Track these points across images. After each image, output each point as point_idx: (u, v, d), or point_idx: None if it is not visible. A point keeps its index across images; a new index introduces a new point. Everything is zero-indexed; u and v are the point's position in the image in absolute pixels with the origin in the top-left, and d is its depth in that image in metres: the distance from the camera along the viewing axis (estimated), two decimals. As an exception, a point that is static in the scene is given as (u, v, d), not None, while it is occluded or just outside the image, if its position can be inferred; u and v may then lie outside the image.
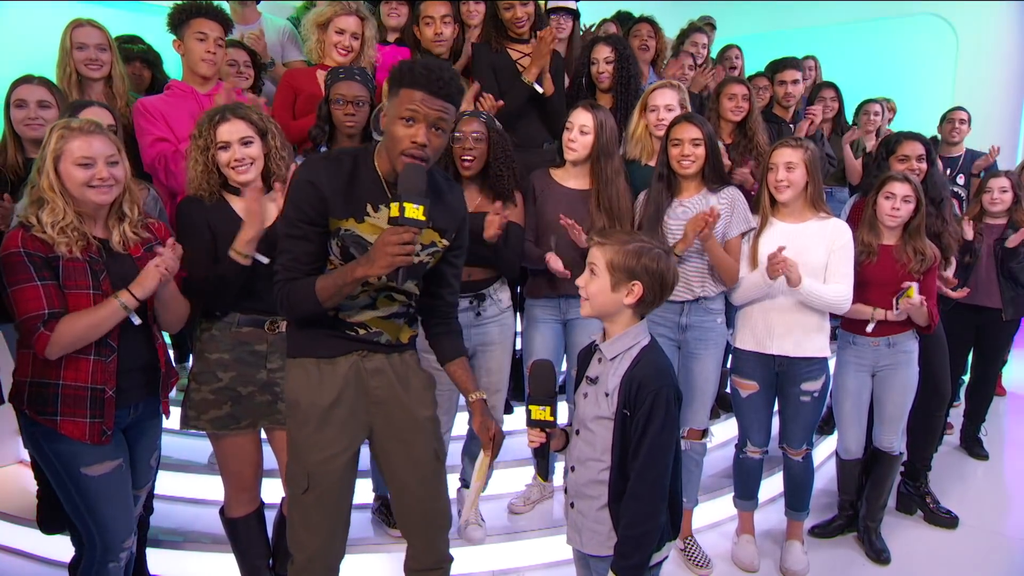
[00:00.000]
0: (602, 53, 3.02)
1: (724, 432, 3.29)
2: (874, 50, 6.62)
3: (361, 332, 1.74)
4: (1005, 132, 6.02)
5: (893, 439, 2.77)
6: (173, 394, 2.06)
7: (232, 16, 2.73)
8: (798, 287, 2.39)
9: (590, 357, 1.72)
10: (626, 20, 4.22)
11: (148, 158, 2.52)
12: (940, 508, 3.12)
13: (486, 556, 2.65)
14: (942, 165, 4.10)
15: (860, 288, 2.54)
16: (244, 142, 2.02)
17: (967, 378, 3.79)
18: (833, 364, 2.73)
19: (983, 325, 3.49)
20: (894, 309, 2.54)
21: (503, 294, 2.58)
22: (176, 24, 2.57)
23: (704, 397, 2.62)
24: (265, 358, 2.07)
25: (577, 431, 1.69)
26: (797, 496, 2.75)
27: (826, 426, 3.57)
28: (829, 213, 2.54)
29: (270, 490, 2.24)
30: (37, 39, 3.06)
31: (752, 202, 2.62)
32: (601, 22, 4.28)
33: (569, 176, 2.63)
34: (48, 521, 2.55)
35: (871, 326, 2.61)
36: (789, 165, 2.46)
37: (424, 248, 1.73)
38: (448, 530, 1.90)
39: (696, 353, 2.58)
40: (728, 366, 2.79)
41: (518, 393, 3.12)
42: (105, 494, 1.85)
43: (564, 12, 3.42)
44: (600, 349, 1.67)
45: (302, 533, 1.77)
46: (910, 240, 2.62)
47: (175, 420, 2.12)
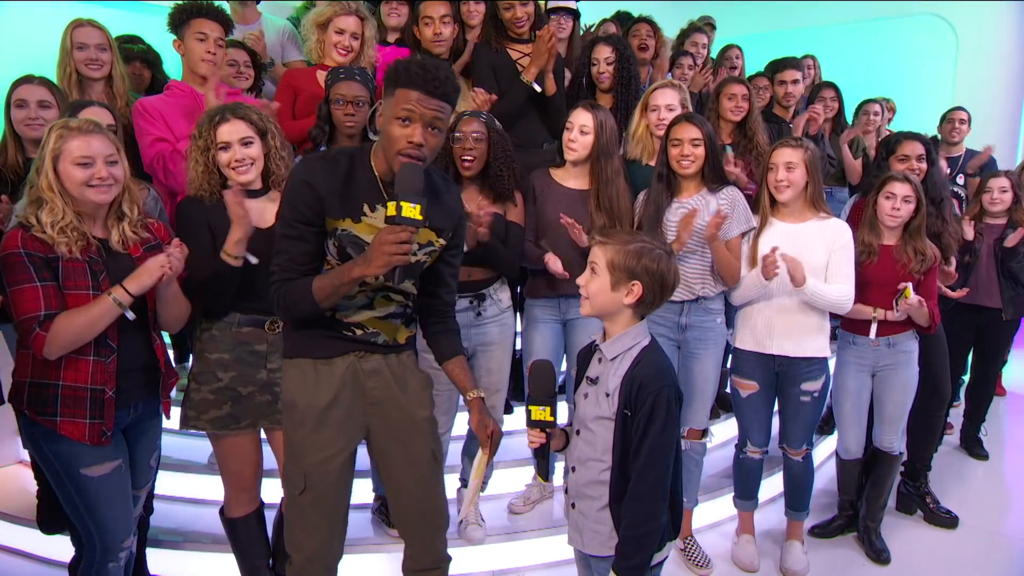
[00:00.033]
0: (603, 53, 3.02)
1: (724, 432, 3.29)
2: (874, 50, 6.62)
3: (358, 332, 1.74)
4: (1005, 132, 6.03)
5: (893, 439, 2.77)
6: (173, 394, 2.05)
7: (232, 16, 2.73)
8: (802, 287, 2.39)
9: (590, 357, 1.72)
10: (625, 20, 4.23)
11: (147, 158, 2.52)
12: (940, 508, 3.12)
13: (486, 556, 2.65)
14: (945, 165, 4.10)
15: (860, 288, 2.54)
16: (244, 142, 2.02)
17: (967, 378, 3.79)
18: (833, 364, 2.73)
19: (983, 325, 3.49)
20: (895, 311, 2.54)
21: (503, 294, 2.58)
22: (176, 24, 2.57)
23: (704, 397, 2.63)
24: (265, 358, 2.07)
25: (577, 431, 1.68)
26: (797, 496, 2.75)
27: (826, 426, 3.57)
28: (829, 213, 2.54)
29: (270, 490, 2.23)
30: (37, 39, 3.06)
31: (752, 202, 2.62)
32: (601, 22, 4.28)
33: (569, 176, 2.63)
34: (48, 521, 2.54)
35: (874, 330, 2.61)
36: (789, 165, 2.46)
37: (421, 247, 1.72)
38: (446, 530, 1.90)
39: (696, 353, 2.58)
40: (728, 366, 2.79)
41: (518, 393, 3.12)
42: (104, 495, 1.85)
43: (564, 12, 3.43)
44: (600, 349, 1.66)
45: (299, 534, 1.76)
46: (910, 240, 2.62)
47: (175, 420, 2.11)
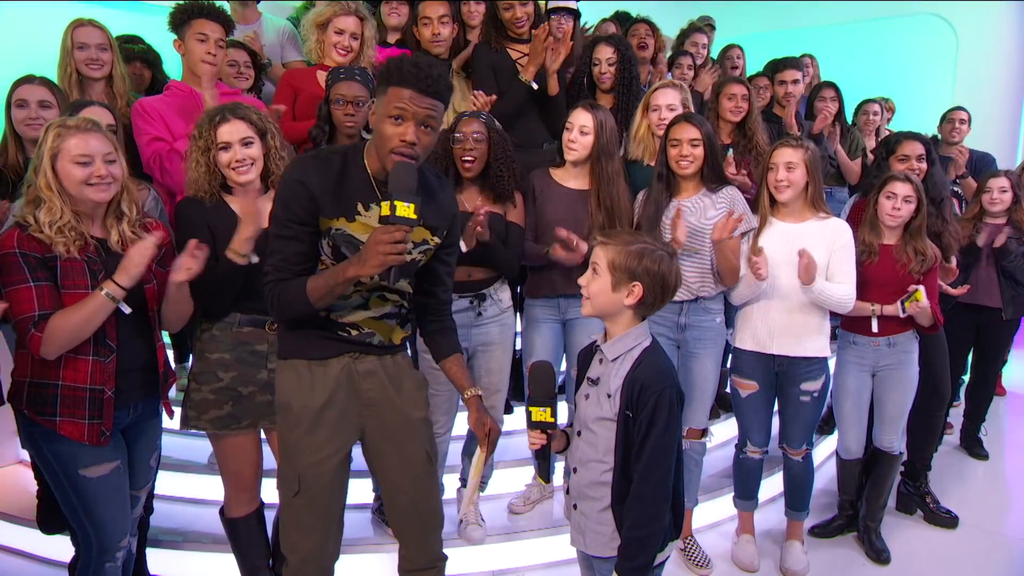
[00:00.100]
0: (604, 54, 3.01)
1: (724, 432, 3.29)
2: (874, 50, 6.62)
3: (353, 333, 1.73)
4: (1005, 132, 6.03)
5: (893, 439, 2.77)
6: (173, 394, 2.05)
7: (232, 16, 2.73)
8: (811, 285, 2.39)
9: (591, 358, 1.71)
10: (625, 20, 4.22)
11: (145, 157, 2.52)
12: (940, 508, 3.12)
13: (486, 556, 2.64)
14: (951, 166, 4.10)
15: (861, 288, 2.53)
16: (244, 143, 2.01)
17: (967, 378, 3.79)
18: (833, 364, 2.73)
19: (983, 325, 3.48)
20: (899, 312, 2.54)
21: (503, 294, 2.58)
22: (177, 24, 2.57)
23: (703, 397, 2.62)
24: (266, 358, 2.07)
25: (578, 432, 1.68)
26: (797, 496, 2.75)
27: (826, 426, 3.57)
28: (829, 213, 2.53)
29: (270, 490, 2.22)
30: (37, 39, 3.06)
31: (752, 202, 2.62)
32: (600, 22, 4.28)
33: (569, 176, 2.63)
34: (48, 521, 2.54)
35: (875, 323, 2.61)
36: (789, 165, 2.45)
37: (416, 246, 1.71)
38: (441, 530, 1.89)
39: (695, 353, 2.58)
40: (728, 366, 2.79)
41: (518, 393, 3.12)
42: (103, 496, 1.84)
43: (564, 12, 3.42)
44: (601, 350, 1.66)
45: (294, 535, 1.76)
46: (911, 240, 2.62)
47: (175, 420, 2.11)
